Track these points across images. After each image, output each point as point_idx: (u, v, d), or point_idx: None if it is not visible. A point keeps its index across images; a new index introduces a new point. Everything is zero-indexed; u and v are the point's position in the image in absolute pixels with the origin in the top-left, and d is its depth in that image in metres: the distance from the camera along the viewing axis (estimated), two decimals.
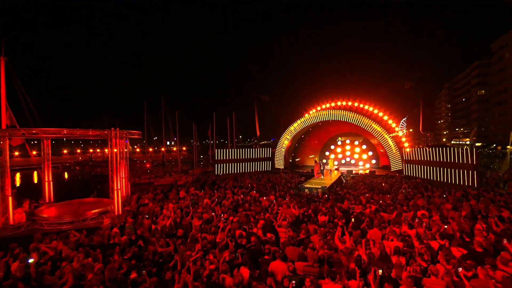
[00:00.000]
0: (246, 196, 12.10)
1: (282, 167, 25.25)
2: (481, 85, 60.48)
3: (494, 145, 50.14)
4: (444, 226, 6.99)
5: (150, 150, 60.17)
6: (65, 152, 74.55)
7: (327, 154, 27.46)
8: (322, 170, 20.28)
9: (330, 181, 17.20)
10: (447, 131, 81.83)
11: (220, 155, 23.36)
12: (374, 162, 25.73)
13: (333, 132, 27.41)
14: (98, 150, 71.63)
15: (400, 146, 20.84)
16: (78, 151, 78.42)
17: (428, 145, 45.11)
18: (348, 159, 27.02)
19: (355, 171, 22.31)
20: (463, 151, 14.98)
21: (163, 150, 44.86)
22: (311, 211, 9.21)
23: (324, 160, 25.92)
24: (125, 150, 12.56)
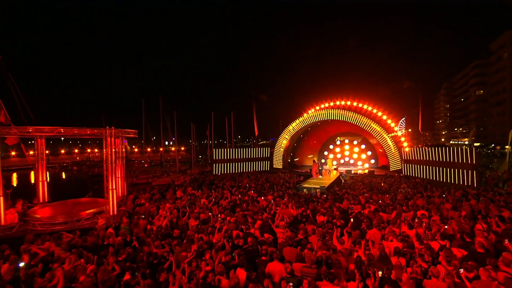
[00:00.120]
0: (244, 196, 11.98)
1: (281, 167, 25.14)
2: (479, 85, 60.52)
3: (493, 145, 50.22)
4: (445, 226, 6.88)
5: (148, 150, 59.97)
6: (62, 152, 74.20)
7: (326, 154, 27.38)
8: (320, 170, 20.19)
9: (329, 181, 17.09)
10: (446, 131, 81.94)
11: (218, 155, 23.24)
12: (373, 162, 25.65)
13: (332, 131, 27.33)
14: (96, 150, 71.34)
15: (399, 146, 20.77)
16: (76, 151, 78.03)
17: (427, 144, 45.09)
18: (347, 159, 26.93)
19: (354, 171, 22.22)
20: (463, 150, 14.90)
21: (161, 150, 44.69)
22: (310, 211, 9.09)
23: (323, 160, 25.83)
24: (122, 150, 12.41)
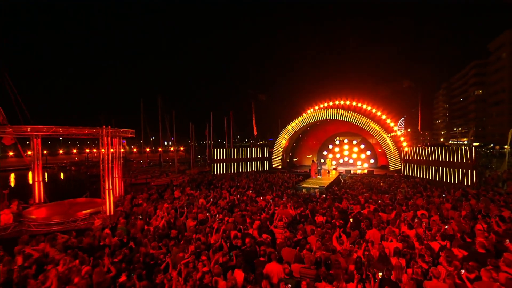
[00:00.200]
0: (242, 196, 11.90)
1: (280, 167, 25.07)
2: (478, 85, 60.65)
3: (492, 144, 50.25)
4: (445, 226, 6.81)
5: (147, 150, 59.84)
6: (61, 152, 73.90)
7: (325, 153, 27.32)
8: (319, 169, 20.13)
9: (328, 181, 17.03)
10: (445, 131, 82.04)
11: (217, 154, 23.15)
12: (372, 161, 25.60)
13: (331, 131, 27.28)
14: (95, 150, 71.03)
15: (398, 146, 20.72)
16: (74, 151, 77.73)
17: (427, 144, 45.07)
18: (346, 158, 26.88)
19: (353, 171, 22.17)
20: (462, 150, 14.85)
21: (160, 150, 44.58)
22: (308, 211, 9.02)
23: (322, 160, 25.77)
24: (119, 150, 12.30)
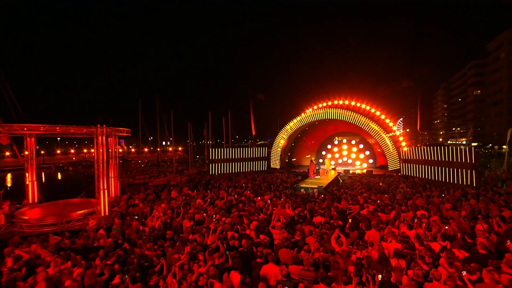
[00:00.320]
0: (240, 196, 11.77)
1: (278, 166, 24.94)
2: (477, 85, 60.71)
3: (490, 144, 50.27)
4: (445, 226, 6.69)
5: (146, 150, 59.60)
6: (58, 152, 73.46)
7: (323, 153, 27.21)
8: (317, 169, 20.04)
9: (327, 180, 16.93)
10: (444, 131, 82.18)
11: (215, 154, 23.01)
12: (371, 161, 25.52)
13: (330, 131, 27.18)
14: (93, 150, 70.54)
15: (397, 146, 20.64)
16: (72, 151, 77.30)
17: (426, 144, 45.08)
18: (345, 158, 26.78)
19: (352, 171, 22.07)
20: (462, 150, 14.77)
21: (158, 150, 44.40)
22: (307, 212, 8.90)
23: (321, 160, 25.67)
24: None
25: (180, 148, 68.13)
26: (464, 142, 61.24)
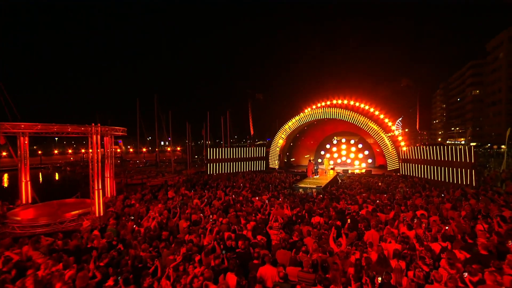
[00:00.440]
0: (238, 196, 11.65)
1: (277, 166, 24.83)
2: (475, 85, 60.76)
3: (489, 144, 50.31)
4: (445, 227, 6.58)
5: (144, 150, 59.38)
6: (56, 152, 73.05)
7: (322, 153, 27.11)
8: (315, 169, 19.93)
9: (325, 180, 16.83)
10: (442, 131, 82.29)
11: (213, 154, 22.86)
12: (370, 161, 25.44)
13: (328, 131, 27.08)
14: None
15: (396, 145, 20.56)
16: (70, 151, 76.89)
17: (425, 144, 45.08)
18: (344, 158, 26.69)
19: (351, 171, 21.98)
20: (461, 149, 14.68)
21: (156, 150, 44.21)
22: (305, 212, 8.79)
23: (320, 160, 25.57)
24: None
25: (178, 148, 67.96)
26: (463, 142, 61.29)
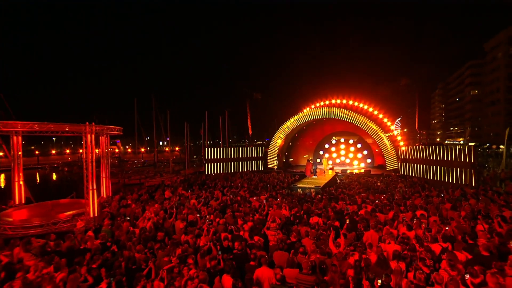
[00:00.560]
0: (235, 197, 11.51)
1: (275, 166, 24.71)
2: (474, 85, 60.77)
3: (488, 144, 50.35)
4: (446, 227, 6.47)
5: (142, 150, 59.13)
6: (53, 152, 72.62)
7: (321, 153, 27.00)
8: (314, 169, 19.82)
9: (324, 180, 16.73)
10: (441, 131, 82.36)
11: (211, 154, 22.73)
12: (369, 161, 25.34)
13: (327, 131, 26.98)
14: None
15: (395, 145, 20.47)
16: (68, 151, 76.47)
17: (424, 143, 45.05)
18: (342, 158, 26.58)
19: (350, 171, 21.87)
20: (461, 149, 14.59)
21: (154, 150, 44.03)
22: (303, 212, 8.66)
23: (318, 160, 25.46)
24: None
25: (177, 148, 67.78)
26: (461, 142, 61.33)
